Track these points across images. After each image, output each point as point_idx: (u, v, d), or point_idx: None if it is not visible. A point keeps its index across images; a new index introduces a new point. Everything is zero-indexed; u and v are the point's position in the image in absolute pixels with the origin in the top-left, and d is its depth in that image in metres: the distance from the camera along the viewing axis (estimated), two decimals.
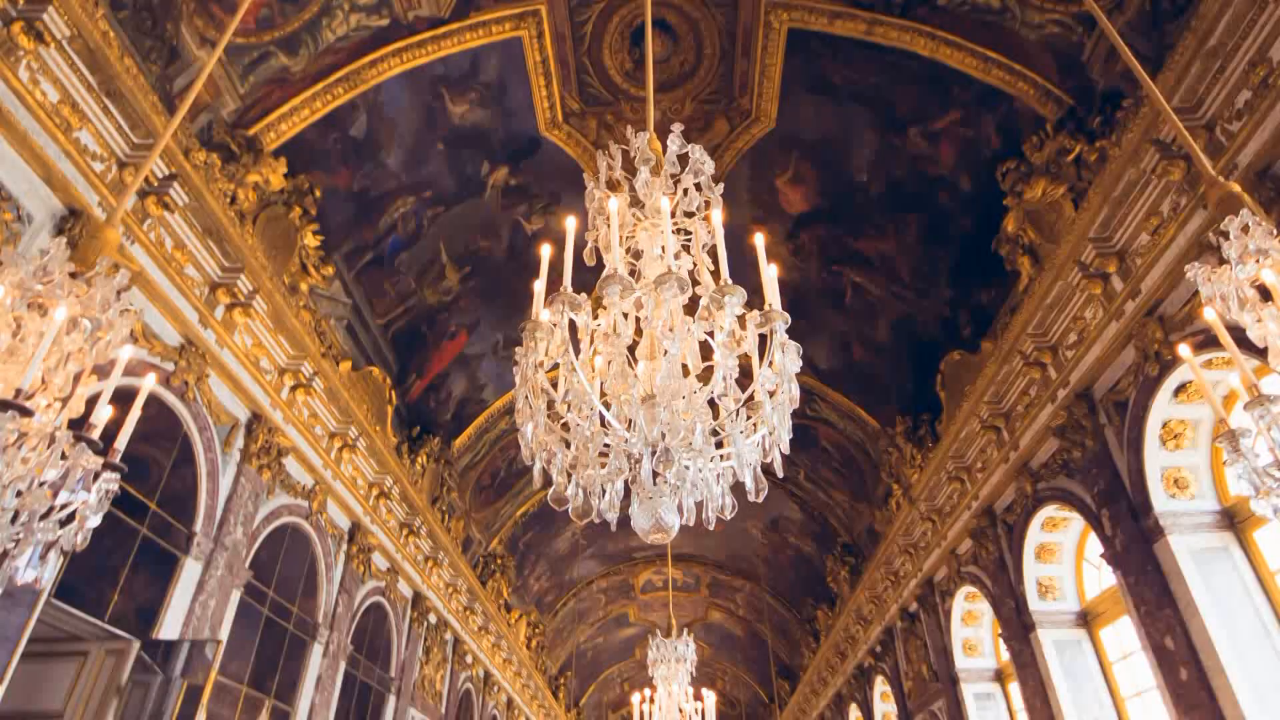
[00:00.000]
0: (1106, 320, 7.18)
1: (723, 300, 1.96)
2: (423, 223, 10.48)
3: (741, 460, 1.96)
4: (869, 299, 11.36)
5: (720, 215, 2.31)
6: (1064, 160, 7.53)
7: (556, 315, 1.99)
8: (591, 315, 2.12)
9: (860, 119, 9.83)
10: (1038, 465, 8.68)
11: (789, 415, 2.01)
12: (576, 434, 1.97)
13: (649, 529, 1.94)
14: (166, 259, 6.52)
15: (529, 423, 2.02)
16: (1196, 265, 2.92)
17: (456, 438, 12.89)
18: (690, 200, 2.48)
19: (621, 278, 1.96)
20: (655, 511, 1.92)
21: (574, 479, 2.01)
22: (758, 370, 2.08)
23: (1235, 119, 5.58)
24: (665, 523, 1.93)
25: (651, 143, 2.52)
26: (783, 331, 2.02)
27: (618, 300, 1.95)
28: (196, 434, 6.89)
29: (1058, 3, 7.55)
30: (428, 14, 8.77)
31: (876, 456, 12.85)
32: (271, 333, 7.92)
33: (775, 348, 2.00)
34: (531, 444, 2.02)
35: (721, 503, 2.08)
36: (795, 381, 2.03)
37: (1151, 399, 6.76)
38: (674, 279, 1.93)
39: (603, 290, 1.95)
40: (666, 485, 1.93)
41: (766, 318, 2.04)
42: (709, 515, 2.08)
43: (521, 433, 2.06)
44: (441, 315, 11.51)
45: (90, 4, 5.26)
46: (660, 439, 1.87)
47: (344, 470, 9.71)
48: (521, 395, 2.05)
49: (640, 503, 1.94)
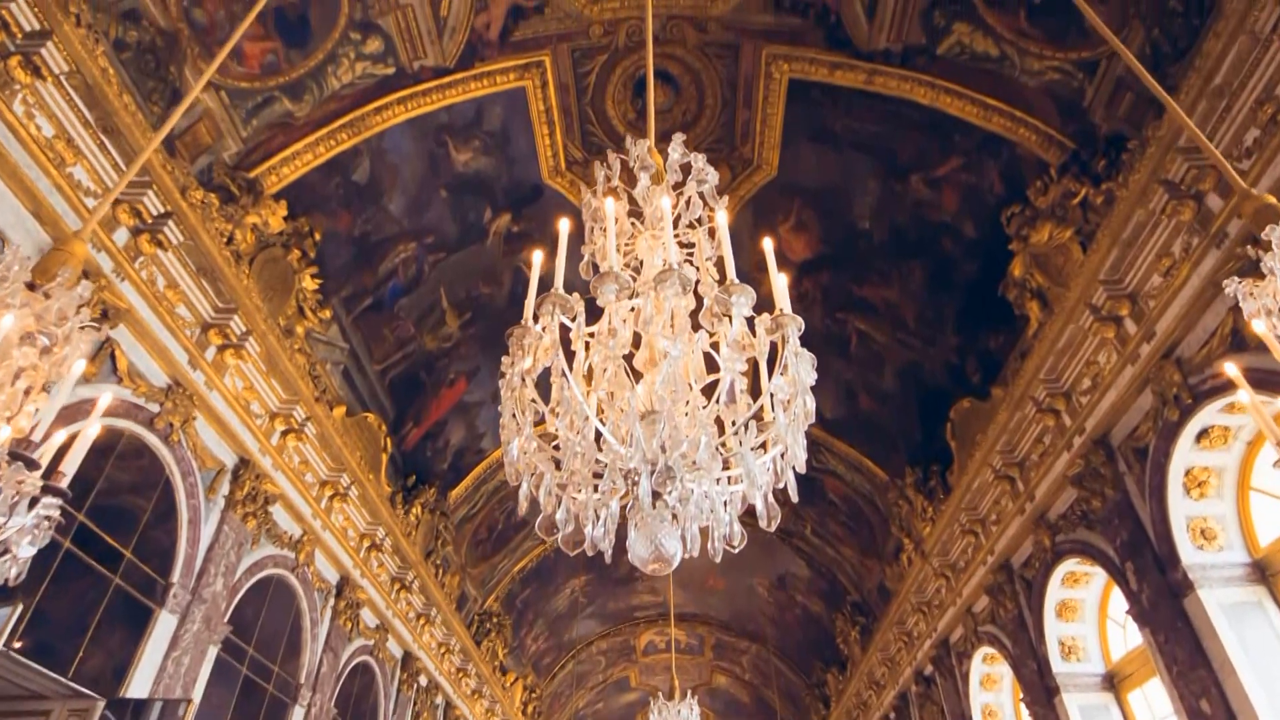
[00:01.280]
0: (1121, 364, 6.98)
1: (730, 301, 1.78)
2: (424, 268, 10.41)
3: (752, 480, 1.74)
4: (874, 347, 11.19)
5: (725, 217, 2.15)
6: (1070, 203, 7.45)
7: (546, 318, 1.81)
8: (585, 320, 1.93)
9: (862, 166, 9.84)
10: (1055, 517, 8.34)
11: (803, 432, 1.80)
12: (567, 450, 1.75)
13: (647, 558, 1.70)
14: (157, 298, 6.38)
15: (515, 439, 1.81)
16: (1235, 280, 2.75)
17: (453, 488, 12.56)
18: (693, 210, 2.33)
19: (618, 275, 1.78)
20: (655, 538, 1.68)
21: (564, 503, 1.79)
22: (767, 381, 1.87)
23: (1245, 156, 5.50)
24: (666, 551, 1.70)
25: (652, 153, 2.38)
26: (796, 338, 1.83)
27: (613, 300, 1.77)
28: (179, 479, 6.63)
29: (1056, 50, 7.60)
30: (433, 64, 8.88)
31: (886, 509, 12.47)
32: (264, 376, 7.74)
33: (788, 355, 1.80)
34: (517, 463, 1.80)
35: (729, 530, 1.84)
36: (811, 395, 1.82)
37: (1173, 445, 6.50)
38: (675, 275, 1.75)
39: (598, 290, 1.77)
40: (667, 509, 1.71)
41: (778, 322, 1.85)
42: (715, 544, 1.84)
43: (506, 452, 1.84)
44: (441, 362, 11.34)
45: (91, 41, 5.26)
46: (660, 453, 1.66)
47: (334, 520, 9.39)
48: (508, 410, 1.85)
49: (638, 528, 1.70)
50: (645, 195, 2.34)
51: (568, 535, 1.82)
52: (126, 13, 6.33)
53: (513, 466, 1.84)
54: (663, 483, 1.69)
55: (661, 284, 1.77)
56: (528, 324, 1.87)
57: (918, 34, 8.34)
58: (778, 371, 1.80)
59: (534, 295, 1.96)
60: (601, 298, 1.79)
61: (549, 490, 1.80)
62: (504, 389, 1.88)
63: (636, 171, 2.39)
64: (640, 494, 1.68)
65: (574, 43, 9.28)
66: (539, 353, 1.82)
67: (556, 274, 1.96)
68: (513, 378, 1.85)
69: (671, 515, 1.73)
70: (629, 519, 1.79)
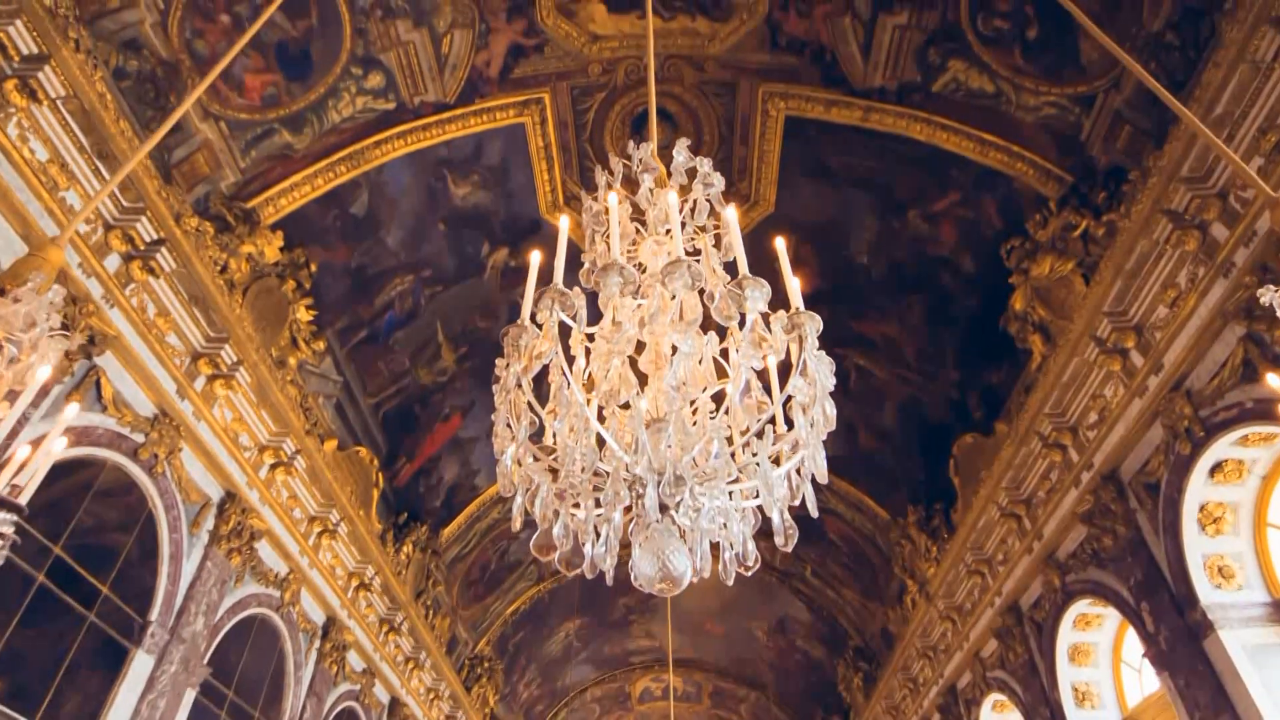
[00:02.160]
0: (1129, 397, 6.86)
1: (743, 295, 1.65)
2: (420, 301, 10.33)
3: (769, 488, 1.59)
4: (874, 383, 11.07)
5: (734, 213, 2.04)
6: (1070, 236, 7.42)
7: (545, 313, 1.68)
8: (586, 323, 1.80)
9: (859, 201, 9.86)
10: (1065, 556, 8.12)
11: (822, 439, 1.67)
12: (566, 457, 1.60)
13: (653, 576, 1.54)
14: (147, 325, 6.26)
15: (509, 447, 1.66)
16: (1271, 290, 2.63)
17: (446, 526, 12.28)
18: (699, 216, 2.22)
19: (622, 267, 1.66)
20: (661, 554, 1.53)
21: (561, 517, 1.64)
22: (778, 391, 1.74)
23: (1249, 186, 5.46)
24: (673, 569, 1.54)
25: (655, 157, 2.29)
26: (814, 338, 1.70)
27: (617, 293, 1.65)
28: (162, 512, 6.41)
29: (1053, 86, 7.66)
30: (434, 99, 8.92)
31: (888, 550, 12.19)
32: (254, 407, 7.57)
33: (807, 354, 1.67)
34: (510, 473, 1.65)
35: (743, 548, 1.69)
36: (830, 401, 1.69)
37: (1186, 480, 6.34)
38: (684, 267, 1.63)
39: (600, 284, 1.65)
40: (674, 523, 1.56)
41: (794, 321, 1.73)
42: (726, 564, 1.68)
43: (499, 461, 1.70)
44: (436, 396, 11.18)
45: (89, 67, 5.24)
46: (666, 456, 1.52)
47: (322, 558, 9.11)
48: (502, 417, 1.71)
49: (642, 545, 1.55)
50: (649, 197, 2.24)
51: (565, 554, 1.66)
52: (127, 42, 6.35)
53: (505, 477, 1.69)
54: (670, 494, 1.54)
55: (670, 276, 1.65)
56: (525, 323, 1.75)
57: (913, 71, 8.42)
58: (795, 372, 1.67)
59: (532, 294, 1.84)
60: (604, 291, 1.67)
61: (544, 502, 1.65)
62: (498, 393, 1.74)
63: (639, 175, 2.30)
64: (646, 504, 1.53)
65: (573, 80, 9.35)
66: (536, 352, 1.69)
67: (555, 275, 1.84)
68: (508, 380, 1.71)
69: (679, 531, 1.58)
70: (633, 536, 1.64)
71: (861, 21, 8.23)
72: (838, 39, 8.43)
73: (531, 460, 1.69)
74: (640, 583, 1.56)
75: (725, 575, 1.71)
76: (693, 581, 1.73)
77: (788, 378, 1.76)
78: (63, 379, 5.36)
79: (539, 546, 1.72)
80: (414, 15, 8.13)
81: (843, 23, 8.31)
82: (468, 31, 8.49)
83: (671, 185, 2.08)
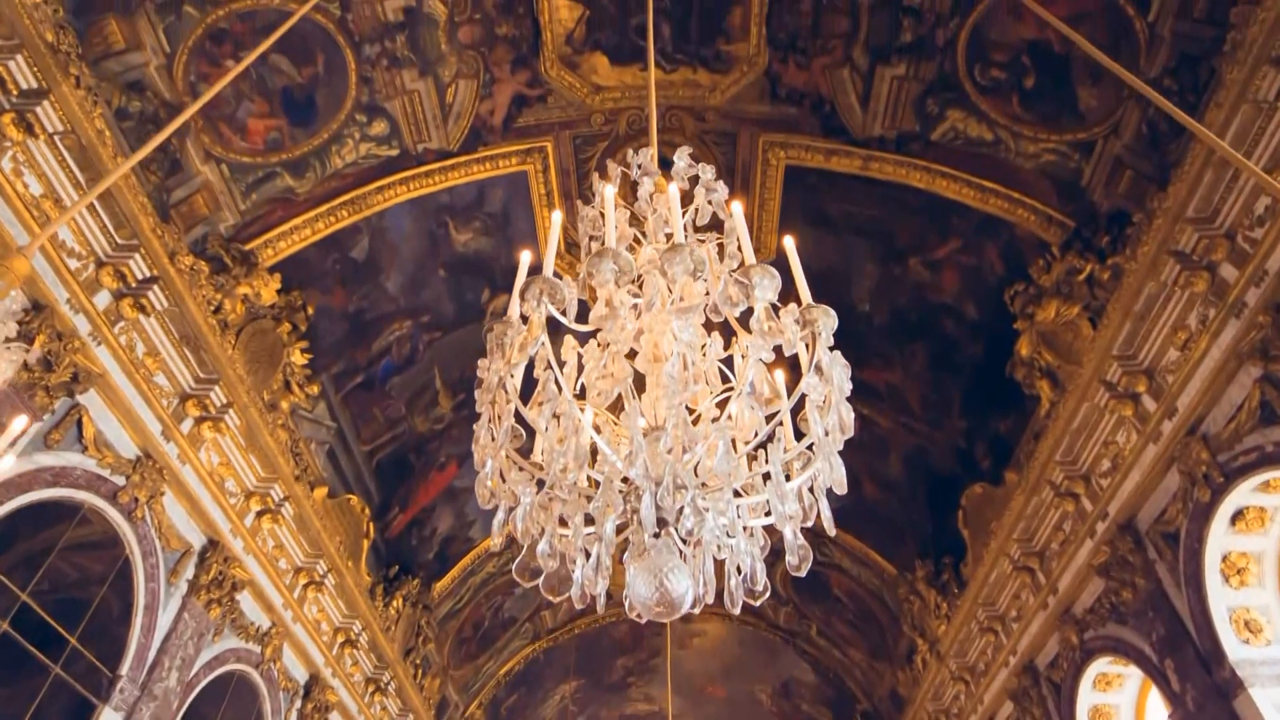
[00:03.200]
0: (1142, 443, 6.67)
1: (750, 284, 1.51)
2: (418, 347, 10.21)
3: (781, 497, 1.41)
4: (878, 432, 10.86)
5: (740, 207, 1.92)
6: (1075, 279, 7.35)
7: (531, 307, 1.54)
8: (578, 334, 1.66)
9: (860, 249, 9.84)
10: (1082, 611, 7.77)
11: (839, 447, 1.50)
12: (552, 459, 1.43)
13: (650, 600, 1.35)
14: (135, 364, 6.12)
15: (491, 455, 1.50)
16: None
17: (438, 580, 11.88)
18: (701, 220, 2.11)
19: (618, 254, 1.53)
20: (659, 573, 1.34)
21: (547, 534, 1.46)
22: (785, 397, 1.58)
23: (1257, 225, 5.41)
24: (673, 591, 1.35)
25: (654, 162, 2.19)
26: (829, 334, 1.56)
27: (610, 280, 1.50)
28: (139, 559, 6.14)
29: (1051, 133, 7.70)
30: (437, 147, 8.98)
31: (896, 607, 11.76)
32: (242, 451, 7.36)
33: (821, 350, 1.52)
34: (490, 483, 1.48)
35: (751, 568, 1.50)
36: (848, 406, 1.53)
37: (1206, 529, 6.09)
38: (685, 252, 1.49)
39: (593, 271, 1.51)
40: (673, 538, 1.38)
41: (806, 316, 1.58)
42: (733, 589, 1.49)
43: (480, 476, 1.53)
44: (431, 444, 10.95)
45: (89, 103, 5.24)
46: (665, 459, 1.35)
47: (307, 612, 8.74)
48: (484, 424, 1.55)
49: (638, 563, 1.37)
50: (649, 201, 2.13)
51: (551, 574, 1.47)
52: (131, 84, 6.40)
53: (485, 487, 1.52)
54: (669, 505, 1.37)
55: (670, 261, 1.51)
56: (512, 320, 1.61)
57: (911, 121, 8.50)
58: (810, 369, 1.52)
59: (519, 290, 1.70)
60: (597, 278, 1.53)
61: (528, 516, 1.47)
62: (480, 396, 1.59)
63: (638, 179, 2.19)
64: (642, 515, 1.35)
65: (576, 130, 9.45)
66: (521, 342, 1.53)
67: (545, 266, 1.71)
68: (490, 381, 1.56)
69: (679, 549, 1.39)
70: (628, 557, 1.45)
71: (860, 73, 8.34)
72: (836, 90, 8.54)
73: (516, 471, 1.52)
74: (635, 607, 1.37)
75: (732, 604, 1.51)
76: (693, 612, 1.54)
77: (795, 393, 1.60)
78: (42, 416, 5.19)
79: (522, 569, 1.54)
80: (419, 65, 8.25)
81: (841, 74, 8.43)
82: (472, 81, 8.60)
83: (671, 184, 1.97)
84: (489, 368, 1.59)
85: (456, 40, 8.22)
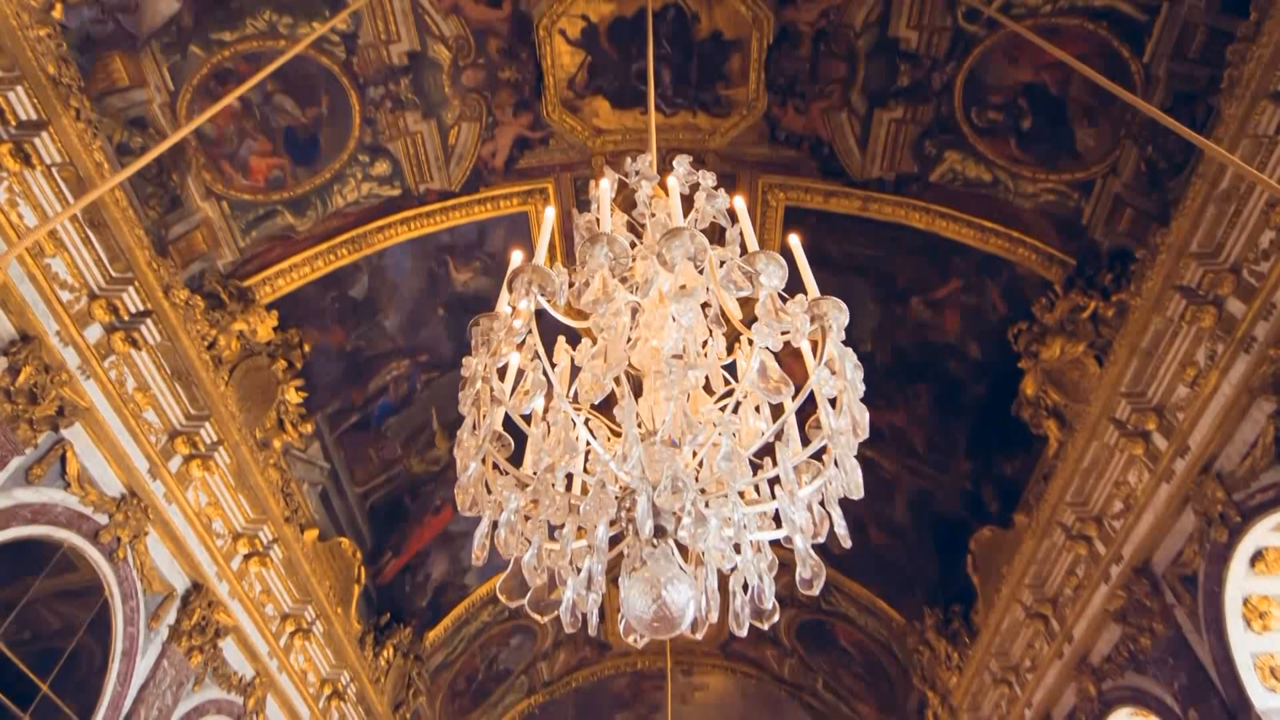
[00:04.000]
0: (1155, 482, 6.49)
1: (755, 271, 1.41)
2: (416, 387, 10.10)
3: (791, 497, 1.28)
4: (882, 475, 10.66)
5: (743, 202, 1.84)
6: (1079, 317, 7.28)
7: (520, 295, 1.44)
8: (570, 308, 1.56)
9: (861, 289, 9.81)
10: (1099, 660, 7.47)
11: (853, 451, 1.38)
12: (537, 454, 1.31)
13: (647, 615, 1.21)
14: (124, 399, 5.99)
15: (474, 457, 1.37)
16: None
17: (431, 629, 11.51)
18: (701, 221, 2.03)
19: (612, 238, 1.43)
20: (657, 584, 1.21)
21: (534, 545, 1.33)
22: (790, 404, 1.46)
23: (1263, 259, 5.36)
24: (672, 604, 1.21)
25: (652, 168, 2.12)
26: (840, 329, 1.45)
27: (603, 262, 1.41)
28: (119, 602, 5.90)
29: (1049, 173, 7.74)
30: (439, 187, 9.03)
31: (905, 658, 11.37)
32: (231, 491, 7.17)
33: (832, 345, 1.41)
34: (471, 487, 1.36)
35: (759, 585, 1.35)
36: (863, 407, 1.42)
37: (1225, 571, 5.88)
38: (686, 235, 1.39)
39: (586, 256, 1.42)
40: (673, 543, 1.25)
41: (815, 309, 1.48)
42: (740, 609, 1.34)
43: (461, 481, 1.41)
44: (427, 487, 10.74)
45: (88, 135, 5.25)
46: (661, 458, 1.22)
47: (293, 661, 8.41)
48: (468, 424, 1.43)
49: (633, 574, 1.23)
50: (647, 204, 2.05)
51: (538, 591, 1.33)
52: (134, 120, 6.44)
53: (466, 493, 1.39)
54: (668, 506, 1.24)
55: (669, 246, 1.41)
56: (501, 314, 1.50)
57: (910, 163, 8.55)
58: (820, 362, 1.41)
59: (507, 280, 1.61)
60: (590, 263, 1.43)
61: (510, 523, 1.34)
62: (463, 392, 1.47)
63: (636, 185, 2.12)
64: (638, 518, 1.22)
65: (577, 172, 9.52)
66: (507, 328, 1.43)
67: (536, 254, 1.61)
68: (475, 377, 1.45)
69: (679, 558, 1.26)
70: (623, 570, 1.32)
71: (858, 116, 8.43)
72: (835, 133, 8.62)
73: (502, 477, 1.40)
74: (632, 624, 1.23)
75: (738, 627, 1.37)
76: (695, 638, 1.39)
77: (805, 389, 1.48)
78: (24, 450, 5.05)
79: (506, 589, 1.40)
80: (423, 108, 8.33)
81: (839, 118, 8.51)
82: (475, 124, 8.68)
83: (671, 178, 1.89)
84: (473, 368, 1.48)
85: (460, 84, 8.32)
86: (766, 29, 7.87)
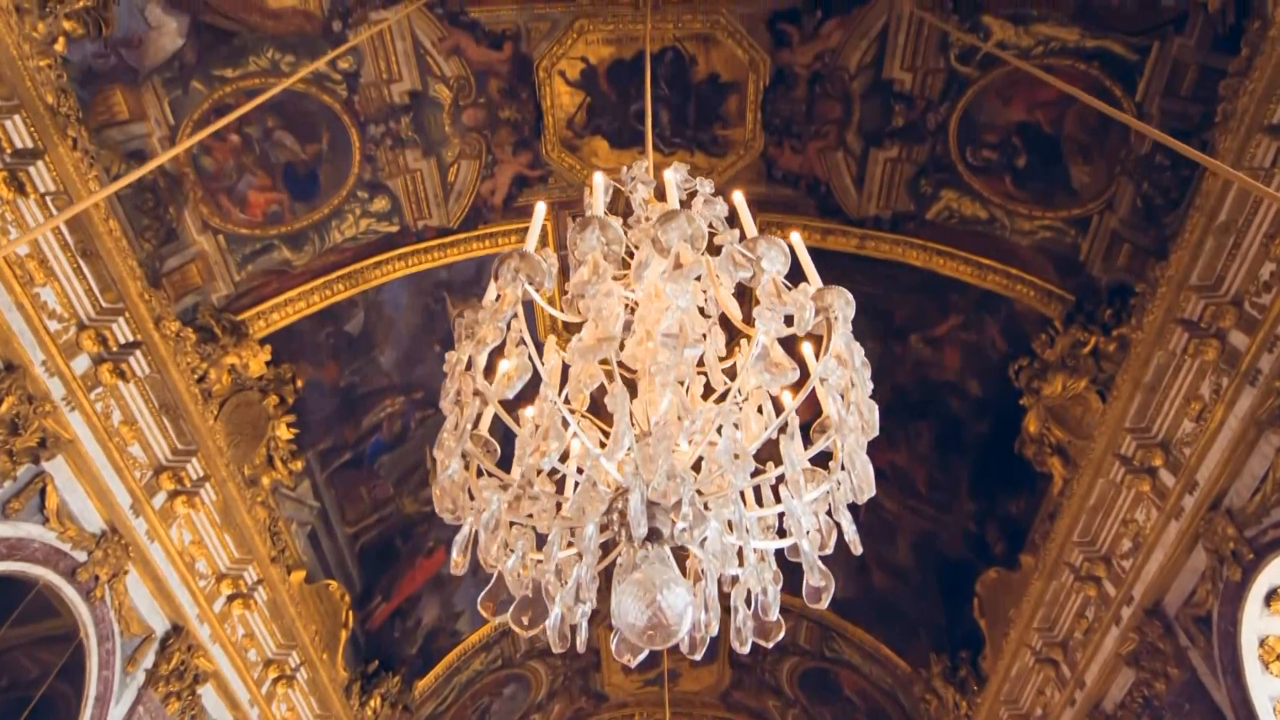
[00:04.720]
0: (1164, 520, 6.35)
1: (755, 256, 1.34)
2: (410, 424, 9.96)
3: (798, 491, 1.18)
4: (884, 516, 10.47)
5: (741, 196, 1.78)
6: (1080, 353, 7.22)
7: (507, 283, 1.35)
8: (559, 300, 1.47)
9: (858, 327, 9.62)
10: (1113, 706, 7.20)
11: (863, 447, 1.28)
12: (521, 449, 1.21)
13: (640, 624, 1.09)
14: (109, 432, 5.86)
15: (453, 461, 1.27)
16: None
17: (421, 678, 11.13)
18: None
19: (605, 223, 1.36)
20: (652, 588, 1.09)
21: (517, 552, 1.22)
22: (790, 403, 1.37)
23: (1264, 291, 5.32)
24: (668, 610, 1.09)
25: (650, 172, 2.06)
26: (847, 322, 1.37)
27: (595, 245, 1.33)
28: (94, 644, 5.67)
29: (1046, 210, 7.77)
30: (437, 224, 9.04)
31: (911, 708, 11.00)
32: (216, 529, 6.98)
33: (839, 338, 1.33)
34: (450, 490, 1.25)
35: (764, 592, 1.24)
36: (873, 404, 1.32)
37: (1239, 611, 5.69)
38: (683, 218, 1.32)
39: (576, 241, 1.34)
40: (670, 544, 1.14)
41: (820, 301, 1.40)
42: (740, 625, 1.22)
43: (439, 480, 1.30)
44: (420, 528, 10.51)
45: (84, 165, 5.24)
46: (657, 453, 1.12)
47: (275, 709, 8.08)
48: (450, 423, 1.34)
49: (625, 580, 1.12)
50: (643, 205, 1.99)
51: (523, 604, 1.22)
52: (133, 153, 6.45)
53: (445, 496, 1.29)
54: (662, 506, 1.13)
55: (665, 228, 1.34)
56: (485, 305, 1.42)
57: (906, 201, 8.60)
58: (826, 354, 1.32)
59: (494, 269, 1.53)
60: (581, 248, 1.35)
61: (486, 527, 1.23)
62: (445, 388, 1.38)
63: (631, 191, 2.06)
64: (630, 516, 1.11)
65: (575, 210, 9.55)
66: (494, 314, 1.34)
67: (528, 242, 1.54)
68: (456, 371, 1.36)
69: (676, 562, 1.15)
70: (615, 578, 1.20)
71: (853, 156, 8.50)
72: (831, 172, 8.69)
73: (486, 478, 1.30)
74: (625, 634, 1.11)
75: (740, 642, 1.25)
76: (694, 657, 1.27)
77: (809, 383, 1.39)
78: (2, 483, 4.90)
79: (490, 600, 1.28)
80: (423, 146, 8.39)
81: (835, 157, 8.59)
82: (474, 162, 8.74)
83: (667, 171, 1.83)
84: (455, 363, 1.39)
85: (460, 123, 8.40)
86: (763, 71, 7.99)
